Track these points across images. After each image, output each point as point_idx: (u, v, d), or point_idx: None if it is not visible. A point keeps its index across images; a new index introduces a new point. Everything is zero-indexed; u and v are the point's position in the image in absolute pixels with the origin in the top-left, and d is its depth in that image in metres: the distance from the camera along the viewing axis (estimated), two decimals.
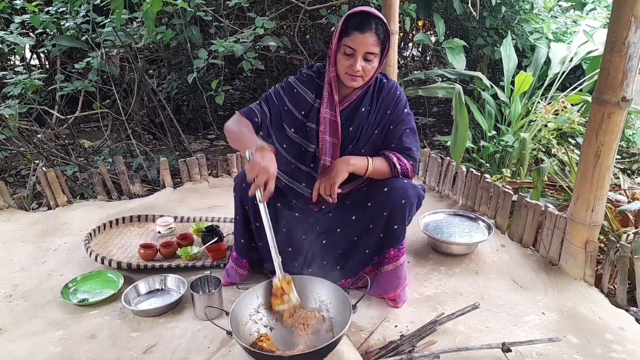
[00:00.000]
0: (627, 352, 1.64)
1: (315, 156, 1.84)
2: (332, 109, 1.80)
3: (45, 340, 1.74)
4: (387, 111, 1.84)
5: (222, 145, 4.30)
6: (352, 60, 1.66)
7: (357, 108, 1.84)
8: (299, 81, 1.84)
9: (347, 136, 1.84)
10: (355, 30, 1.63)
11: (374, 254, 1.89)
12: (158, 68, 4.45)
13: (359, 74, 1.68)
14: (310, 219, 1.91)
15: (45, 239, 2.50)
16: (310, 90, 1.83)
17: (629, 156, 3.69)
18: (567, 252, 2.07)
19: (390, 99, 1.84)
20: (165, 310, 1.88)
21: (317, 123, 1.81)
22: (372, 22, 1.63)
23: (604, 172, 1.88)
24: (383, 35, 1.66)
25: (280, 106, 1.84)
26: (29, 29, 3.67)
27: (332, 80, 1.77)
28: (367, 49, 1.64)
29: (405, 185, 1.78)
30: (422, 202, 1.87)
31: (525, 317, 1.83)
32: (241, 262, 2.00)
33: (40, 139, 3.48)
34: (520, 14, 3.94)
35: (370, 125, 1.84)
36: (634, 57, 1.71)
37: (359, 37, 1.62)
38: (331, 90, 1.78)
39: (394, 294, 1.88)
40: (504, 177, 3.00)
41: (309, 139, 1.83)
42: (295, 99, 1.83)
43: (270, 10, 3.86)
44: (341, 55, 1.68)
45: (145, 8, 2.82)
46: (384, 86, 1.85)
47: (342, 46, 1.67)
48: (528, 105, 3.51)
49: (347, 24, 1.66)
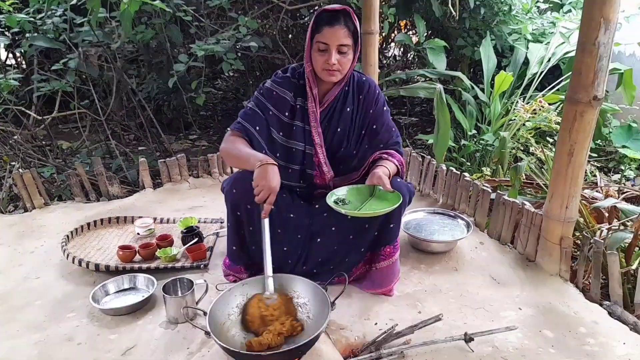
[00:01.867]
0: (600, 344, 1.68)
1: (305, 153, 1.87)
2: (314, 102, 1.85)
3: (21, 344, 1.71)
4: (370, 110, 1.90)
5: (203, 146, 4.28)
6: (327, 55, 1.72)
7: (341, 108, 1.88)
8: (275, 84, 1.88)
9: (335, 137, 1.88)
10: (325, 26, 1.70)
11: (368, 251, 1.92)
12: (138, 68, 4.40)
13: (335, 68, 1.72)
14: (305, 219, 1.91)
15: (21, 242, 2.46)
16: (288, 90, 1.86)
17: (605, 154, 3.77)
18: (543, 248, 2.11)
19: (371, 97, 1.90)
20: (133, 309, 1.86)
21: (306, 121, 1.86)
22: (340, 16, 1.70)
23: (578, 169, 1.92)
24: (353, 27, 1.73)
25: (265, 113, 1.86)
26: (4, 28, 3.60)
27: (309, 75, 1.82)
28: (339, 42, 1.70)
29: (399, 184, 1.80)
30: (412, 199, 1.90)
31: (502, 312, 1.86)
32: (236, 268, 1.99)
33: (16, 140, 3.42)
34: (499, 15, 3.99)
35: (357, 126, 1.90)
36: (604, 58, 1.75)
37: (329, 31, 1.69)
38: (310, 85, 1.83)
39: (388, 288, 1.92)
40: (484, 176, 3.04)
41: (297, 138, 1.87)
42: (276, 101, 1.86)
43: (251, 10, 3.85)
44: (315, 52, 1.74)
45: (123, 8, 2.79)
46: (363, 85, 1.90)
47: (315, 43, 1.74)
48: (508, 105, 3.57)
49: (317, 23, 1.72)
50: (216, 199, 2.87)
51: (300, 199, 1.95)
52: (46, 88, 3.33)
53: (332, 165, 1.91)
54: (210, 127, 4.85)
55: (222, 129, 4.76)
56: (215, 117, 5.09)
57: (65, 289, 2.04)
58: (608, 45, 1.74)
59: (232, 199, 1.83)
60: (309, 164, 1.89)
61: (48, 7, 3.36)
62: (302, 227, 1.91)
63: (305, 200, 1.96)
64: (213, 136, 4.61)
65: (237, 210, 1.85)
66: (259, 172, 1.61)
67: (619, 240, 2.01)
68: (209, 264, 2.17)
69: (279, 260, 1.89)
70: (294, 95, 1.86)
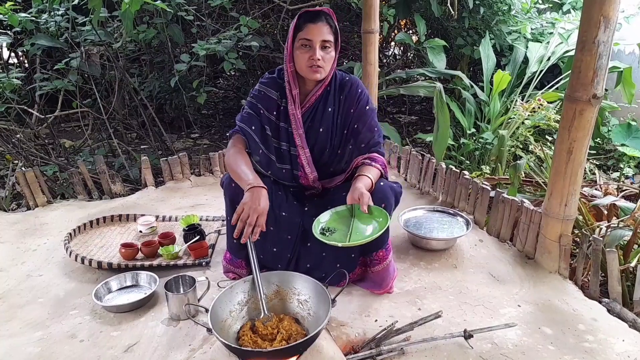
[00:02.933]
0: (599, 341, 1.69)
1: (290, 154, 1.91)
2: (293, 104, 1.87)
3: (23, 342, 1.72)
4: (351, 110, 1.91)
5: (205, 144, 4.30)
6: (311, 51, 1.74)
7: (323, 108, 1.89)
8: (263, 85, 1.93)
9: (319, 137, 1.90)
10: (308, 23, 1.74)
11: (360, 256, 1.93)
12: (140, 67, 4.42)
13: (319, 64, 1.75)
14: (296, 218, 1.93)
15: (24, 240, 2.47)
16: (274, 89, 1.91)
17: (604, 152, 3.78)
18: (542, 246, 2.12)
19: (353, 97, 1.91)
20: (135, 307, 1.88)
21: (288, 122, 1.89)
22: (322, 15, 1.76)
23: (577, 167, 1.93)
24: (334, 26, 1.78)
25: (258, 113, 1.91)
26: (6, 27, 3.62)
27: (290, 76, 1.84)
28: (322, 37, 1.74)
29: (382, 187, 1.82)
30: (400, 199, 1.92)
31: (501, 309, 1.87)
32: (236, 262, 2.01)
33: (19, 139, 3.44)
34: (499, 14, 4.00)
35: (338, 126, 1.91)
36: (603, 56, 1.76)
37: (312, 27, 1.73)
38: (290, 87, 1.85)
39: (385, 289, 1.95)
40: (483, 174, 3.05)
41: (282, 139, 1.90)
42: (264, 101, 1.90)
43: (252, 10, 3.86)
44: (299, 51, 1.77)
45: (124, 8, 2.80)
46: (344, 84, 1.91)
47: (298, 41, 1.77)
48: (507, 104, 3.58)
49: (298, 22, 1.76)
50: (218, 197, 2.89)
51: (294, 198, 1.97)
52: (48, 87, 3.34)
53: (320, 167, 1.93)
54: (212, 126, 4.86)
55: (223, 127, 4.78)
56: (216, 115, 5.11)
57: (67, 286, 2.06)
58: (607, 44, 1.75)
59: (230, 193, 1.87)
60: (294, 165, 1.92)
61: (50, 7, 3.38)
62: (293, 226, 1.92)
63: (298, 200, 1.98)
64: (215, 135, 4.63)
65: (235, 203, 1.87)
66: (246, 196, 1.66)
67: (618, 238, 2.02)
68: (211, 262, 2.18)
69: (269, 263, 1.93)
70: (279, 95, 1.90)
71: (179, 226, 2.46)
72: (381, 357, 1.59)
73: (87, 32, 3.39)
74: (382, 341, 1.64)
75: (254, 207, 1.63)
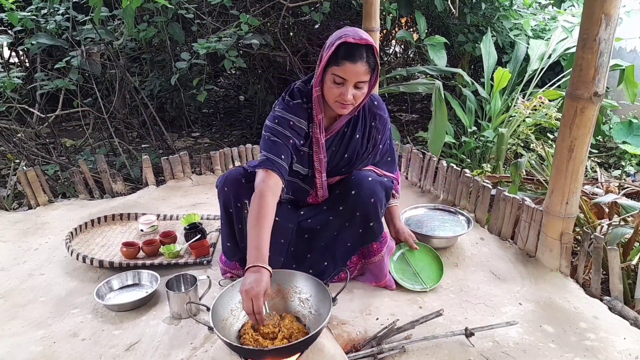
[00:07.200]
0: (600, 339, 1.69)
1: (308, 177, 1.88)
2: (318, 128, 1.79)
3: (25, 340, 1.73)
4: (379, 135, 1.93)
5: (206, 143, 4.30)
6: (343, 88, 1.62)
7: (351, 134, 1.86)
8: (290, 113, 1.75)
9: (342, 162, 1.89)
10: (346, 61, 1.57)
11: (359, 245, 1.96)
12: (141, 65, 4.41)
13: (349, 102, 1.64)
14: (290, 224, 1.93)
15: (25, 239, 2.48)
16: (303, 119, 1.77)
17: (606, 150, 3.78)
18: (543, 244, 2.12)
19: (381, 123, 1.91)
20: (137, 305, 1.88)
21: (310, 146, 1.82)
22: (363, 51, 1.59)
23: (578, 165, 1.92)
24: (373, 63, 1.63)
25: (286, 142, 1.72)
26: (7, 27, 3.62)
27: (315, 101, 1.74)
28: (358, 78, 1.60)
29: (371, 183, 1.82)
30: (391, 193, 1.95)
31: (502, 307, 1.87)
32: (231, 264, 2.01)
33: (20, 138, 3.44)
34: (500, 10, 3.99)
35: (366, 151, 1.91)
36: (604, 54, 1.76)
37: (350, 67, 1.58)
38: (317, 111, 1.76)
39: (384, 282, 1.97)
40: (484, 172, 3.05)
41: (303, 164, 1.84)
42: (294, 131, 1.75)
43: (252, 8, 3.85)
44: (330, 83, 1.63)
45: (125, 5, 2.80)
46: (375, 112, 1.89)
47: (330, 74, 1.62)
48: (508, 101, 3.57)
49: (337, 53, 1.59)
50: None
51: (289, 203, 1.97)
52: (49, 86, 3.34)
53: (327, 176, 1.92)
54: (213, 125, 4.86)
55: (224, 126, 4.78)
56: (217, 114, 5.10)
57: (69, 285, 2.07)
58: (609, 41, 1.74)
59: (224, 197, 1.87)
60: (309, 185, 1.91)
61: (50, 5, 3.37)
62: (286, 231, 1.91)
63: (293, 205, 1.98)
64: (215, 133, 4.63)
65: (228, 208, 1.90)
66: (245, 277, 1.44)
67: (619, 236, 2.02)
68: (212, 260, 2.19)
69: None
70: (307, 121, 1.78)
71: (180, 225, 2.47)
72: (382, 356, 1.60)
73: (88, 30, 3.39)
74: (384, 339, 1.65)
75: (251, 293, 1.39)
